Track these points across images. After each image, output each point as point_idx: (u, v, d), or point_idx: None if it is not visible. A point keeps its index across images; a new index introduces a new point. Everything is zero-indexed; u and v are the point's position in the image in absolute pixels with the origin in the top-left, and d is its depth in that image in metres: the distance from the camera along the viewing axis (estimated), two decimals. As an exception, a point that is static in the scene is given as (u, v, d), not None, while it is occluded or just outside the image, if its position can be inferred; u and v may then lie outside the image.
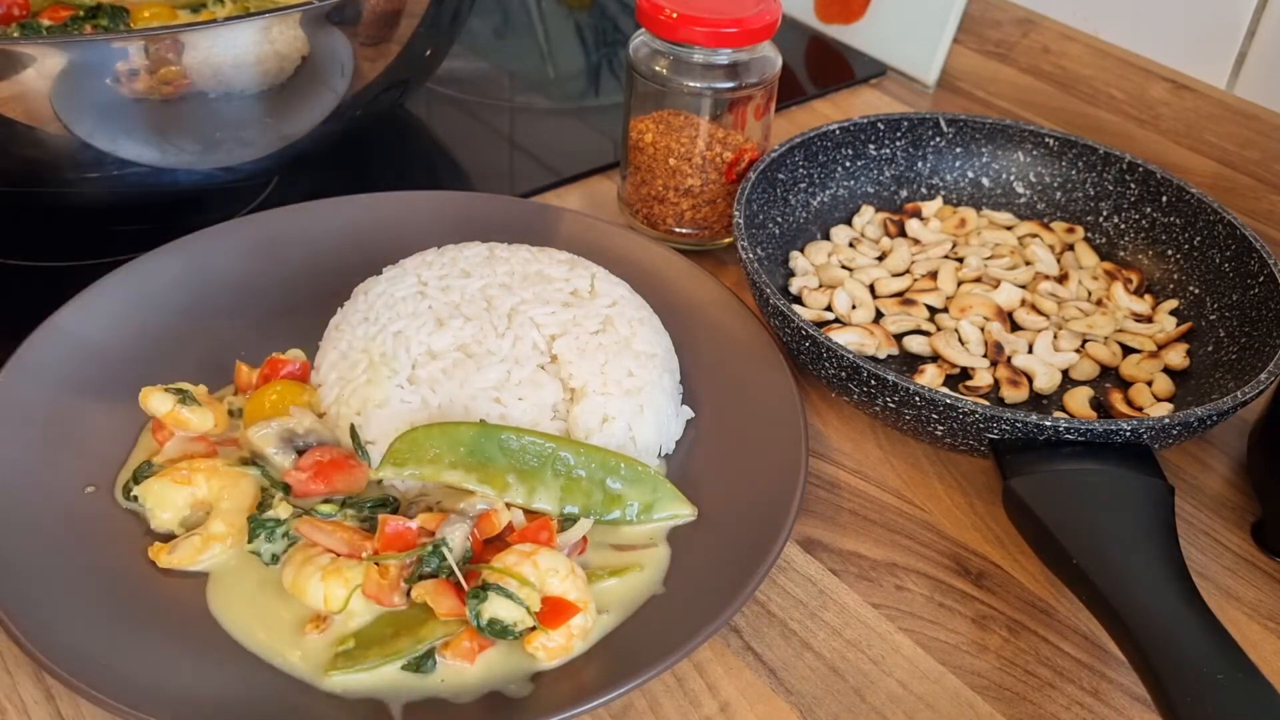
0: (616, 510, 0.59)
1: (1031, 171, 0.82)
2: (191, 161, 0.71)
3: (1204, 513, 0.65)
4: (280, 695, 0.51)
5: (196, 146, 0.71)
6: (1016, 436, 0.59)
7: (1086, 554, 0.53)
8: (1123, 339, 0.72)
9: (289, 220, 0.76)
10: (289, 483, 0.57)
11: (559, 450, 0.58)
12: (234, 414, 0.63)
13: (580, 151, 0.92)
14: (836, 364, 0.63)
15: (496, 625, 0.52)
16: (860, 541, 0.62)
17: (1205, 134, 0.92)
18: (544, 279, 0.67)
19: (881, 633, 0.57)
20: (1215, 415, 0.59)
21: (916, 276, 0.77)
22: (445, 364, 0.61)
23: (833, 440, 0.68)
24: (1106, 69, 0.97)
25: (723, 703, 0.54)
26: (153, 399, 0.59)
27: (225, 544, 0.56)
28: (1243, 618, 0.59)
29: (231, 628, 0.53)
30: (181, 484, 0.57)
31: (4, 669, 0.53)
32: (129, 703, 0.47)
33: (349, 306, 0.67)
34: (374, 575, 0.53)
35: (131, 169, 0.69)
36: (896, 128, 0.82)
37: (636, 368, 0.63)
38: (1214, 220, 0.74)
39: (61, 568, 0.54)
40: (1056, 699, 0.55)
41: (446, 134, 0.96)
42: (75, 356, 0.64)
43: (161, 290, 0.70)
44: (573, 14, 1.16)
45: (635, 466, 0.59)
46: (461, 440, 0.57)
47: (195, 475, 0.58)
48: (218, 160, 0.73)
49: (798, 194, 0.80)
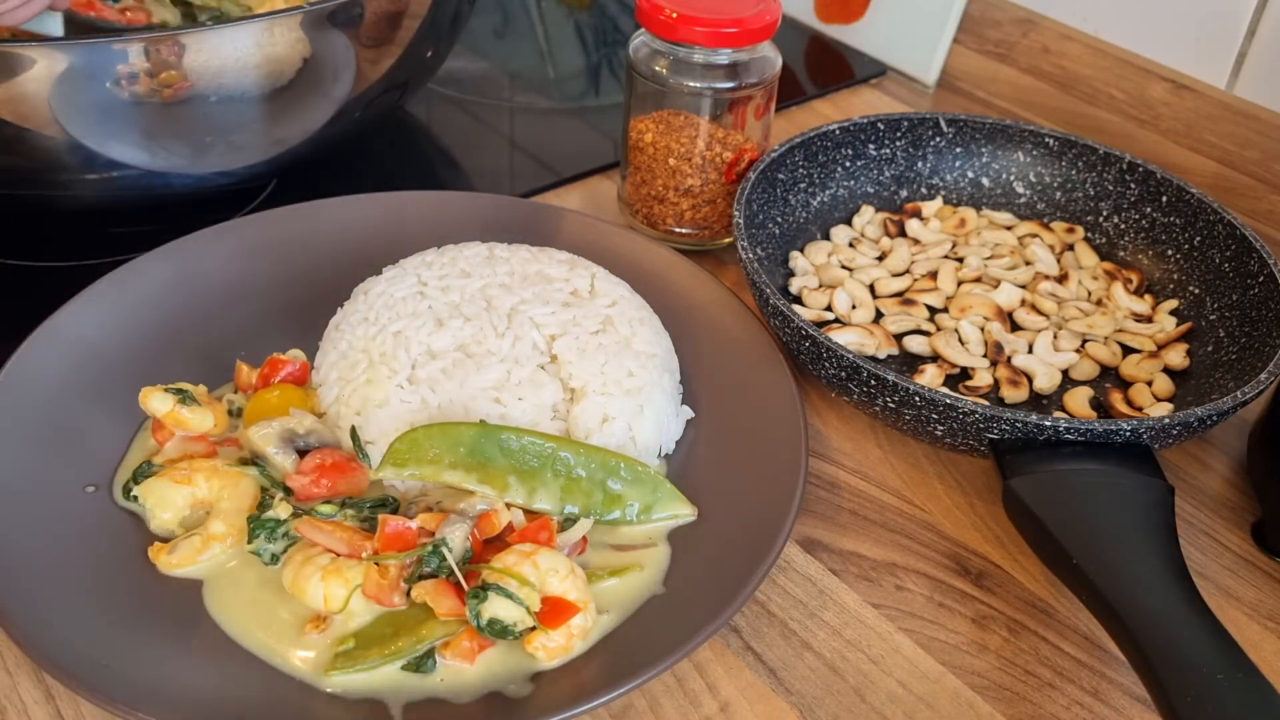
0: (617, 510, 0.59)
1: (1031, 171, 0.82)
2: (188, 166, 0.71)
3: (1204, 513, 0.65)
4: (280, 695, 0.51)
5: (194, 150, 0.71)
6: (1016, 436, 0.59)
7: (1086, 554, 0.53)
8: (1123, 339, 0.72)
9: (289, 220, 0.76)
10: (291, 487, 0.57)
11: (559, 450, 0.58)
12: (234, 414, 0.63)
13: (580, 151, 0.92)
14: (836, 364, 0.63)
15: (496, 625, 0.52)
16: (860, 541, 0.62)
17: (1205, 134, 0.92)
18: (544, 279, 0.67)
19: (881, 633, 0.57)
20: (1215, 415, 0.59)
21: (916, 276, 0.77)
22: (445, 364, 0.61)
23: (833, 440, 0.68)
24: (1106, 69, 0.97)
25: (723, 703, 0.54)
26: (152, 399, 0.59)
27: (225, 544, 0.56)
28: (1243, 618, 0.59)
29: (231, 628, 0.53)
30: (181, 484, 0.57)
31: (4, 669, 0.53)
32: (129, 703, 0.47)
33: (349, 306, 0.67)
34: (374, 575, 0.53)
35: (126, 171, 0.69)
36: (896, 128, 0.82)
37: (636, 368, 0.63)
38: (1214, 220, 0.74)
39: (61, 568, 0.54)
40: (1056, 699, 0.55)
41: (446, 134, 0.96)
42: (75, 357, 0.64)
43: (162, 290, 0.70)
44: (573, 14, 1.16)
45: (635, 466, 0.59)
46: (461, 440, 0.57)
47: (195, 475, 0.58)
48: (216, 164, 0.73)
49: (798, 194, 0.80)
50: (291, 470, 0.58)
